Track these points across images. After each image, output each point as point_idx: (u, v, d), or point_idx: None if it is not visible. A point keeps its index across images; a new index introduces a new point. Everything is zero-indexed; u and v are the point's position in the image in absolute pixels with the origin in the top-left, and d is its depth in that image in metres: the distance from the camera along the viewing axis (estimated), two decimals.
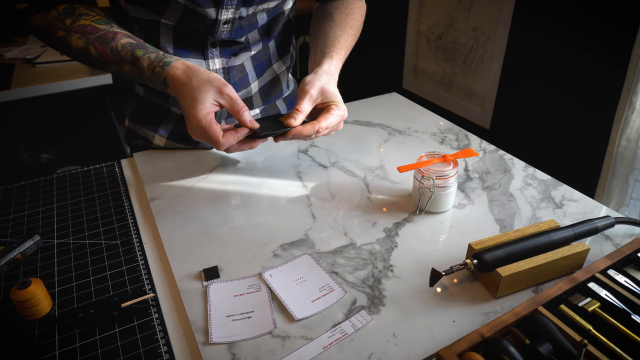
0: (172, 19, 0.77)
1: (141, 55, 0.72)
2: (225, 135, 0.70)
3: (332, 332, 0.54)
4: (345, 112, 0.77)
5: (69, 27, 0.74)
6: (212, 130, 0.69)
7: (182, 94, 0.70)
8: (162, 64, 0.72)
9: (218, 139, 0.69)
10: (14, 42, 2.14)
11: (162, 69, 0.72)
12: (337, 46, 0.85)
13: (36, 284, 0.56)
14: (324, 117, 0.75)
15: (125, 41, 0.73)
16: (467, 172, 0.84)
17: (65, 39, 0.74)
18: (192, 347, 0.53)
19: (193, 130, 0.71)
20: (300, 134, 0.73)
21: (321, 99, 0.76)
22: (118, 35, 0.74)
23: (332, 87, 0.78)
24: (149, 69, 0.72)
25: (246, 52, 0.87)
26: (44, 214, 0.76)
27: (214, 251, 0.67)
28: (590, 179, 1.61)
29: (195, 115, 0.68)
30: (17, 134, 1.94)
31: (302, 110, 0.74)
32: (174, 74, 0.71)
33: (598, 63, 1.52)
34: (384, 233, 0.69)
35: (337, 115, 0.76)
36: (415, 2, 2.24)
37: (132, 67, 0.74)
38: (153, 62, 0.72)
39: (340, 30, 0.87)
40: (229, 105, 0.71)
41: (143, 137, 0.93)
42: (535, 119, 1.81)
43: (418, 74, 2.38)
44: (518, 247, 0.59)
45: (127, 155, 0.97)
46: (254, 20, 0.82)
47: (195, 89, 0.69)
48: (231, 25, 0.79)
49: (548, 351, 0.47)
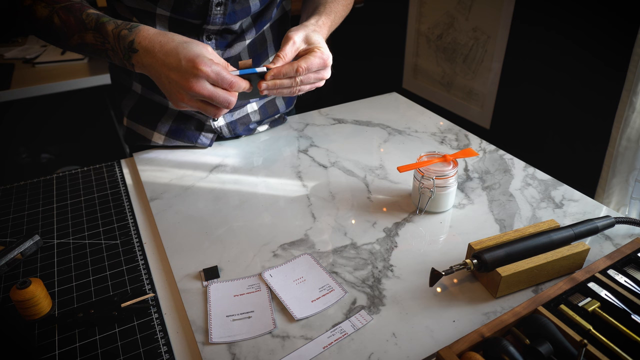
0: (166, 7, 0.77)
1: (107, 20, 0.69)
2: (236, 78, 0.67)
3: (332, 332, 0.54)
4: (329, 57, 0.74)
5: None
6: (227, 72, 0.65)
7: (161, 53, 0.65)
8: (129, 26, 0.68)
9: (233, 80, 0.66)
10: (14, 42, 2.14)
11: (130, 31, 0.67)
12: (326, 9, 0.84)
13: (36, 284, 0.56)
14: (304, 57, 0.72)
15: (92, 11, 0.71)
16: (467, 172, 0.84)
17: (31, 7, 0.71)
18: (192, 347, 0.53)
19: (187, 95, 0.66)
20: (278, 73, 0.70)
21: (305, 46, 0.74)
22: (85, 7, 0.72)
23: (317, 35, 0.75)
24: (113, 33, 0.68)
25: (241, 41, 0.86)
26: (43, 214, 0.76)
27: (214, 251, 0.67)
28: (590, 179, 1.61)
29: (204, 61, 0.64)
30: (17, 134, 1.94)
31: (283, 57, 0.71)
32: (146, 35, 0.66)
33: (598, 63, 1.52)
34: (384, 233, 0.69)
35: (319, 57, 0.72)
36: (415, 2, 2.24)
37: (95, 35, 0.69)
38: (119, 25, 0.68)
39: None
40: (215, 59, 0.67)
41: (142, 135, 0.93)
42: (535, 119, 1.81)
43: (418, 74, 2.38)
44: (518, 247, 0.59)
45: (127, 155, 0.97)
46: (246, 6, 0.81)
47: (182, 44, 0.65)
48: (224, 7, 0.78)
49: (548, 351, 0.47)
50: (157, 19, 0.79)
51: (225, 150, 0.93)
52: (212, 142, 0.94)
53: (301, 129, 1.01)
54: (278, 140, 0.97)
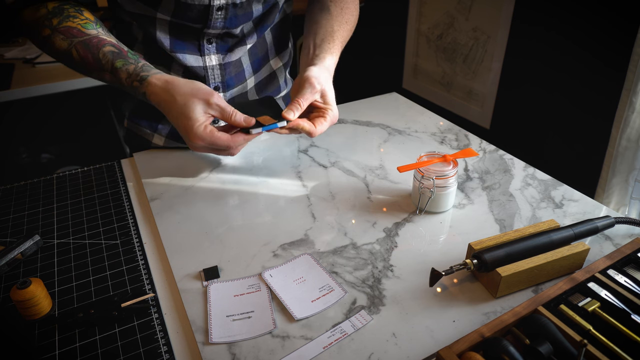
0: (167, 11, 0.77)
1: (120, 66, 0.72)
2: (233, 137, 0.70)
3: (332, 332, 0.54)
4: (336, 116, 0.79)
5: (54, 27, 0.73)
6: (220, 140, 0.69)
7: (169, 112, 0.70)
8: (139, 78, 0.71)
9: (229, 144, 0.69)
10: (14, 42, 2.14)
11: (140, 83, 0.71)
12: (335, 41, 0.85)
13: (36, 284, 0.56)
14: (319, 121, 0.77)
15: (108, 49, 0.72)
16: (467, 172, 0.84)
17: (50, 38, 0.73)
18: (192, 347, 0.53)
19: (196, 146, 0.71)
20: (297, 127, 0.74)
21: (321, 100, 0.78)
22: (102, 42, 0.73)
23: (331, 89, 0.79)
24: (127, 82, 0.72)
25: (242, 46, 0.87)
26: (44, 214, 0.76)
27: (214, 251, 0.67)
28: (590, 179, 1.61)
29: (195, 134, 0.68)
30: (17, 134, 1.94)
31: (301, 106, 0.74)
32: (152, 91, 0.70)
33: (598, 63, 1.52)
34: (384, 233, 0.69)
35: (330, 122, 0.78)
36: (415, 2, 2.24)
37: (112, 77, 0.73)
38: (131, 75, 0.71)
39: (337, 25, 0.87)
40: (219, 114, 0.71)
41: (142, 137, 0.93)
42: (535, 118, 1.81)
43: (418, 74, 2.38)
44: (518, 247, 0.59)
45: (127, 155, 0.97)
46: (248, 11, 0.81)
47: (182, 107, 0.69)
48: (225, 12, 0.79)
49: (548, 351, 0.47)
50: (158, 23, 0.79)
51: None
52: None
53: None
54: (278, 141, 0.97)
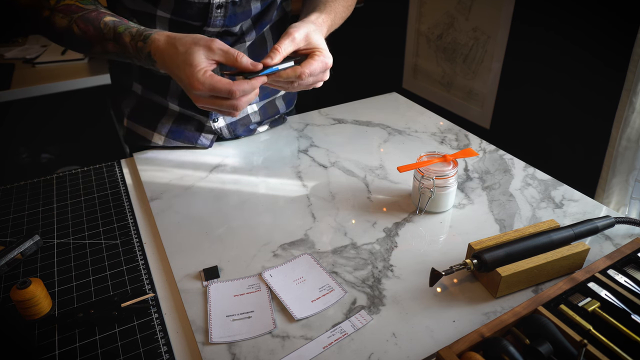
0: (167, 9, 0.77)
1: (123, 30, 0.70)
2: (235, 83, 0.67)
3: (332, 332, 0.54)
4: (330, 60, 0.74)
5: (53, 7, 0.73)
6: (221, 83, 0.65)
7: (172, 65, 0.68)
8: (143, 37, 0.69)
9: (231, 88, 0.65)
10: (14, 42, 2.14)
11: (145, 42, 0.69)
12: (327, 7, 0.83)
13: (36, 284, 0.56)
14: (307, 62, 0.71)
15: (108, 19, 0.72)
16: (467, 172, 0.84)
17: (50, 18, 0.73)
18: (192, 347, 0.53)
19: (199, 97, 0.68)
20: (279, 76, 0.70)
21: (305, 44, 0.73)
22: (102, 14, 0.72)
23: (318, 35, 0.75)
24: (131, 45, 0.70)
25: (241, 43, 0.86)
26: (44, 214, 0.76)
27: (214, 251, 0.67)
28: (590, 179, 1.61)
29: (197, 79, 0.65)
30: (17, 134, 1.94)
31: (280, 50, 0.70)
32: (157, 47, 0.68)
33: (598, 63, 1.52)
34: (384, 233, 0.69)
35: (321, 62, 0.72)
36: (415, 2, 2.24)
37: (115, 45, 0.71)
38: (134, 36, 0.70)
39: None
40: (223, 58, 0.67)
41: (142, 136, 0.93)
42: (535, 118, 1.81)
43: (418, 74, 2.38)
44: (518, 247, 0.59)
45: (127, 155, 0.97)
46: (247, 8, 0.81)
47: (184, 55, 0.66)
48: (224, 10, 0.78)
49: (548, 351, 0.47)
50: (158, 20, 0.79)
51: (225, 150, 0.93)
52: (212, 143, 0.94)
53: (301, 129, 1.01)
54: (278, 140, 0.97)
